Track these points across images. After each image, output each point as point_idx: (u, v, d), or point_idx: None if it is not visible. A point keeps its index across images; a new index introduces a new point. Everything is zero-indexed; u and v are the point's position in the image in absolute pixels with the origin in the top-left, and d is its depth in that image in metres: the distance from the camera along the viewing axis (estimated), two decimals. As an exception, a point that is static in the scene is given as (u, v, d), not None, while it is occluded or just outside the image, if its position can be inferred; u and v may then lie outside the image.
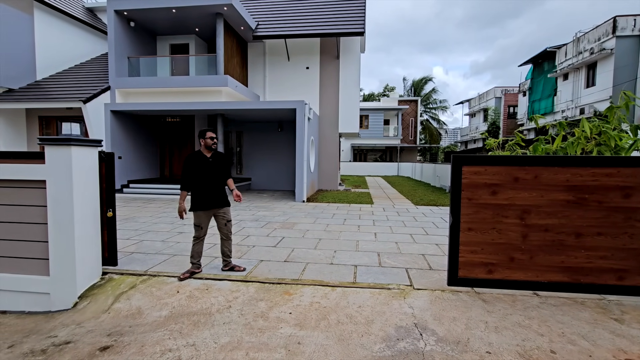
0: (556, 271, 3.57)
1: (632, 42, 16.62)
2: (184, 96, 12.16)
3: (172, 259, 4.60)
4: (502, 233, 3.64)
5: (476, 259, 3.70)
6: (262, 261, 4.54)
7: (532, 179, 3.58)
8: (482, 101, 35.11)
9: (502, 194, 3.64)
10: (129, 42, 12.55)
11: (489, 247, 3.67)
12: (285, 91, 14.20)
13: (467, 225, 3.70)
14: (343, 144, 31.66)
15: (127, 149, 12.31)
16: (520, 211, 3.61)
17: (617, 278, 3.48)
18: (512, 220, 3.62)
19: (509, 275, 3.64)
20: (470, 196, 3.68)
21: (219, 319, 3.03)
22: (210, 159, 4.02)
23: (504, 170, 3.62)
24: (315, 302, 3.32)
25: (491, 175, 3.64)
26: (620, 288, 3.47)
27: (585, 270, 3.52)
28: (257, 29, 13.42)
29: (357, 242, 5.63)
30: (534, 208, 3.57)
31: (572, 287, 3.54)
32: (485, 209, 3.67)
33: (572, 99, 20.14)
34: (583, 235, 3.50)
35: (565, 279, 3.55)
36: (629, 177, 3.42)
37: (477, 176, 3.67)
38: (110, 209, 4.01)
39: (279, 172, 14.66)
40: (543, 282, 3.59)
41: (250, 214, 8.26)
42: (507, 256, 3.65)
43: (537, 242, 3.58)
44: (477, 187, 3.67)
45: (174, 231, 6.26)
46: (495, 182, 3.64)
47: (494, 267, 3.67)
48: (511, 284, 3.64)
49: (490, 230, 3.66)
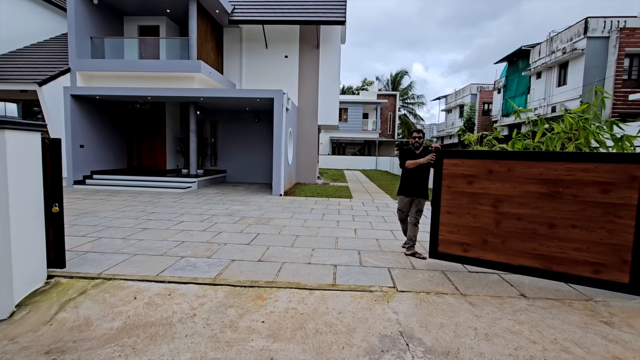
0: (528, 257, 3.75)
1: (602, 43, 17.19)
2: (154, 82, 11.38)
3: (132, 259, 4.13)
4: (477, 218, 4.01)
5: (453, 238, 4.15)
6: (233, 261, 4.17)
7: (506, 172, 3.83)
8: (459, 97, 35.71)
9: (477, 184, 4.00)
10: (92, 21, 11.55)
11: (464, 229, 4.09)
12: (263, 80, 13.65)
13: (446, 209, 4.18)
14: (322, 136, 31.33)
15: (91, 137, 11.41)
16: (494, 200, 3.90)
17: (593, 271, 3.48)
18: (485, 207, 3.96)
19: (482, 255, 3.99)
20: (449, 184, 4.15)
21: (181, 330, 2.65)
22: (418, 154, 4.58)
23: (479, 163, 3.99)
24: (291, 308, 3.01)
25: (468, 167, 4.05)
26: (596, 281, 3.46)
27: (558, 259, 3.61)
28: (233, 13, 12.74)
29: (337, 239, 5.35)
30: (507, 198, 3.83)
31: (544, 273, 3.67)
32: (462, 196, 4.09)
33: (545, 97, 20.73)
34: (556, 226, 3.61)
35: (537, 265, 3.70)
36: (608, 173, 3.40)
37: (455, 168, 4.12)
38: (57, 204, 3.49)
39: (256, 165, 14.16)
40: (514, 265, 3.80)
41: (224, 208, 7.81)
42: (481, 238, 3.99)
43: (509, 228, 3.83)
44: (455, 177, 4.12)
45: (137, 227, 5.74)
46: (471, 173, 4.03)
47: (468, 246, 4.07)
48: (484, 262, 3.97)
49: (466, 214, 4.07)
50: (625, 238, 3.34)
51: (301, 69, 13.66)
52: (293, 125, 12.67)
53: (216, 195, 9.80)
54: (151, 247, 4.61)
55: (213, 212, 7.20)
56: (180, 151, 13.77)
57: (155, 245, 4.70)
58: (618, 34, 16.47)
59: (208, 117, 14.12)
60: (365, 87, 41.22)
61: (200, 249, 4.58)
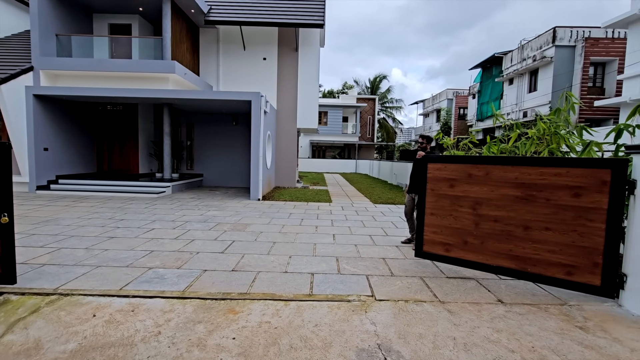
0: (505, 258, 3.84)
1: (569, 51, 18.00)
2: (126, 82, 10.90)
3: (94, 272, 3.84)
4: (458, 219, 4.16)
5: (437, 239, 4.32)
6: (205, 271, 3.96)
7: (484, 176, 3.97)
8: (436, 102, 36.53)
9: (459, 187, 4.15)
10: (57, 17, 10.96)
11: (446, 230, 4.25)
12: (241, 82, 13.39)
13: (430, 211, 4.36)
14: (302, 140, 31.19)
15: (56, 140, 10.80)
16: (473, 202, 4.04)
17: (566, 273, 3.54)
18: (466, 209, 4.10)
19: (463, 255, 4.12)
20: (433, 187, 4.34)
21: (143, 351, 2.44)
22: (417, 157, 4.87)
23: (460, 167, 4.14)
24: (264, 322, 2.85)
25: (450, 171, 4.22)
26: (569, 283, 3.52)
27: (532, 261, 3.67)
28: (209, 13, 12.44)
29: (315, 245, 5.23)
30: (485, 200, 3.96)
31: (520, 274, 3.75)
32: (444, 199, 4.26)
33: (517, 103, 21.48)
34: (531, 228, 3.68)
35: (513, 265, 3.79)
36: (579, 178, 3.48)
37: (439, 172, 4.30)
38: (5, 214, 3.19)
39: (234, 168, 13.84)
40: (492, 265, 3.91)
41: (199, 214, 7.52)
42: (462, 239, 4.13)
43: (487, 230, 3.95)
44: (438, 180, 4.30)
45: (103, 235, 5.40)
46: (453, 177, 4.19)
47: (450, 246, 4.21)
48: (464, 262, 4.11)
49: (448, 216, 4.23)
50: (596, 241, 3.39)
51: (280, 72, 13.51)
52: (272, 128, 12.48)
53: (191, 200, 9.47)
54: (116, 258, 4.32)
55: (187, 219, 6.91)
56: (154, 154, 13.28)
57: (121, 256, 4.41)
58: (584, 44, 17.29)
59: (184, 119, 13.70)
60: (345, 90, 41.49)
61: (170, 259, 4.34)
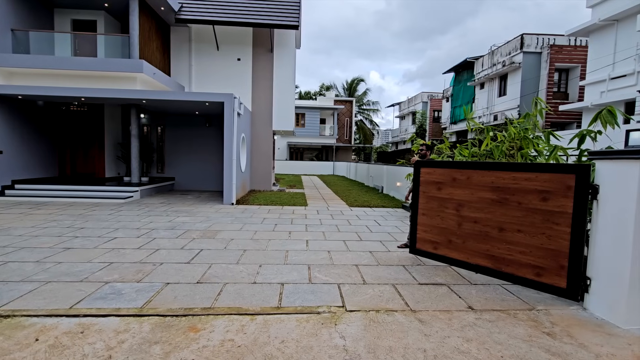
0: (483, 257, 4.09)
1: (535, 58, 18.77)
2: (91, 81, 10.34)
3: (42, 288, 3.52)
4: (444, 220, 4.51)
5: (427, 237, 4.71)
6: (168, 284, 3.72)
7: (466, 180, 4.27)
8: (411, 105, 37.20)
9: (445, 190, 4.50)
10: (13, 11, 10.26)
11: (435, 229, 4.62)
12: (215, 83, 13.04)
13: (422, 211, 4.77)
14: (279, 142, 30.91)
15: (12, 142, 10.07)
16: (457, 204, 4.36)
17: (535, 274, 3.65)
18: (451, 211, 4.44)
19: (447, 253, 4.46)
20: (424, 190, 4.75)
21: (89, 379, 2.21)
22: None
23: (446, 172, 4.49)
24: (227, 340, 2.67)
25: (438, 175, 4.59)
26: (537, 284, 3.63)
27: (506, 261, 3.87)
28: (180, 11, 12.04)
29: (287, 252, 5.07)
30: (467, 203, 4.25)
31: (495, 273, 3.97)
32: (433, 200, 4.64)
33: (488, 106, 22.18)
34: (505, 230, 3.88)
35: (489, 264, 4.03)
36: (547, 182, 3.59)
37: (429, 175, 4.70)
38: None
39: (207, 171, 13.45)
40: (472, 264, 4.18)
41: (167, 220, 7.19)
42: (447, 238, 4.47)
43: (468, 230, 4.24)
44: (429, 183, 4.69)
45: (59, 246, 5.02)
46: (440, 180, 4.56)
47: (437, 245, 4.58)
48: (449, 260, 4.45)
49: (436, 216, 4.60)
50: (562, 244, 3.47)
51: (255, 73, 13.26)
52: (246, 130, 12.21)
53: (160, 206, 9.06)
54: (70, 272, 3.99)
55: (153, 226, 6.57)
56: (121, 157, 12.68)
57: (75, 269, 4.08)
58: (549, 50, 18.08)
59: (154, 120, 13.18)
60: (323, 92, 41.56)
61: (130, 272, 4.06)
